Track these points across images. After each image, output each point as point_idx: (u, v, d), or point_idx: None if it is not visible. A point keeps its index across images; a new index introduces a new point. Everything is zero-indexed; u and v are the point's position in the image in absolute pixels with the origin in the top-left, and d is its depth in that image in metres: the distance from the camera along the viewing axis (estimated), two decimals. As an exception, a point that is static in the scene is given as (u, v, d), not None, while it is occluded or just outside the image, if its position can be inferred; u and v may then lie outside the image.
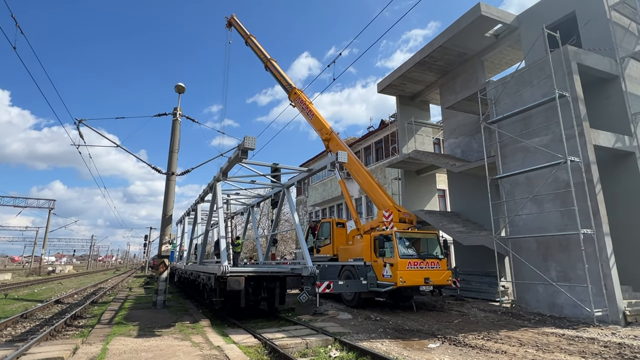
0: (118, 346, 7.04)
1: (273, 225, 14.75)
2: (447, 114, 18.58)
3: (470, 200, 16.83)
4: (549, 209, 11.25)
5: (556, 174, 10.95)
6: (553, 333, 8.66)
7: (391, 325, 9.64)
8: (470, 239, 13.90)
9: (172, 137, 13.42)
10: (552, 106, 11.03)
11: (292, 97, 18.74)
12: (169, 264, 12.66)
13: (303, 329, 8.89)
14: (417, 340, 8.02)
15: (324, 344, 7.61)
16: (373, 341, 7.87)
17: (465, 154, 17.34)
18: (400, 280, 11.04)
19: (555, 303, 10.89)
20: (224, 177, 11.38)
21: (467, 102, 15.12)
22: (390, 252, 11.74)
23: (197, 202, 16.78)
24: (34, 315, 11.92)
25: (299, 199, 38.07)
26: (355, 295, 12.51)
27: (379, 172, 25.61)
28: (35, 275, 38.66)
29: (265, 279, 10.61)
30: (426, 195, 20.40)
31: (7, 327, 10.13)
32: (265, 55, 20.28)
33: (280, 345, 7.20)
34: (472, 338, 8.10)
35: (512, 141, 12.47)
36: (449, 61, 17.40)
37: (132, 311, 11.63)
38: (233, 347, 6.99)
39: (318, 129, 17.31)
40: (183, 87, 13.31)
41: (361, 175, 15.21)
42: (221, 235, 10.71)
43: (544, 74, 11.53)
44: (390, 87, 19.97)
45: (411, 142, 20.02)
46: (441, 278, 11.82)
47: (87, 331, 9.08)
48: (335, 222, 15.75)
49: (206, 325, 9.40)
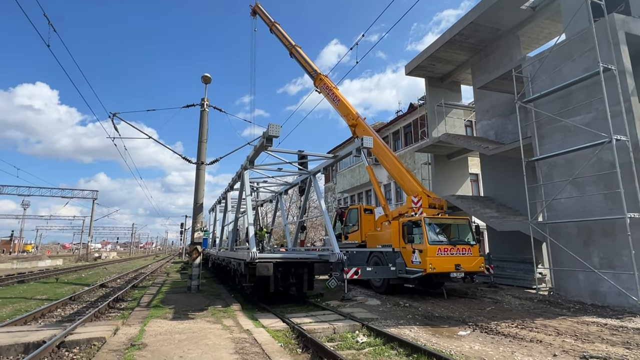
0: (154, 328, 7.40)
1: (300, 212, 14.84)
2: (479, 95, 17.74)
3: (504, 185, 16.12)
4: (591, 192, 10.56)
5: (599, 154, 10.21)
6: (594, 322, 8.21)
7: (420, 311, 9.51)
8: (504, 224, 13.37)
9: (201, 127, 13.71)
10: (596, 81, 10.22)
11: (318, 83, 18.58)
12: (201, 250, 13.10)
13: (331, 314, 8.95)
14: (446, 327, 7.87)
15: (352, 330, 7.62)
16: (401, 327, 7.80)
17: (499, 136, 16.56)
18: (429, 267, 10.83)
19: (597, 291, 10.31)
20: (250, 165, 11.51)
21: (501, 81, 14.33)
22: (419, 238, 11.51)
23: (227, 190, 17.16)
24: (81, 298, 12.77)
25: (327, 186, 38.12)
26: (384, 281, 12.45)
27: (408, 158, 25.05)
28: (83, 261, 41.43)
29: (293, 265, 10.73)
30: (458, 180, 19.76)
31: (58, 308, 10.92)
32: (290, 42, 20.17)
33: (307, 329, 7.29)
34: (505, 326, 7.84)
35: (551, 121, 11.73)
36: (481, 38, 16.51)
37: (169, 295, 12.19)
38: (262, 331, 7.15)
39: (344, 115, 17.10)
40: (209, 77, 13.50)
41: (389, 161, 14.92)
42: (249, 223, 10.91)
43: (586, 46, 10.67)
44: (418, 68, 19.29)
45: (441, 126, 19.35)
46: (473, 264, 11.48)
47: (127, 313, 9.62)
48: (363, 209, 15.64)
49: (237, 309, 9.68)
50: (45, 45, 7.25)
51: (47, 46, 6.93)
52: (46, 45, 6.82)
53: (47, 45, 6.90)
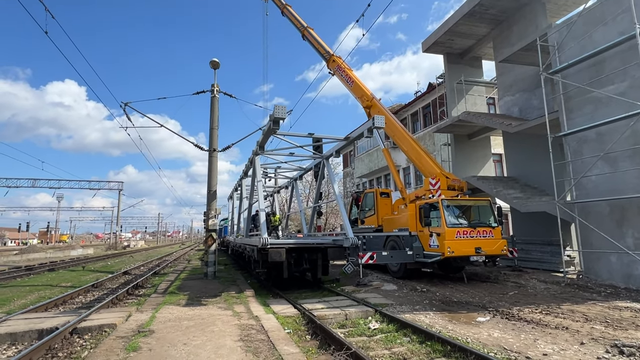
0: (165, 314, 7.40)
1: (315, 197, 14.60)
2: (502, 69, 16.74)
3: (529, 164, 15.25)
4: (625, 168, 9.74)
5: (635, 126, 9.36)
6: (628, 307, 7.62)
7: (438, 297, 9.15)
8: (529, 205, 12.66)
9: (211, 114, 13.56)
10: (632, 45, 9.30)
11: (331, 65, 18.05)
12: (217, 237, 13.12)
13: (344, 300, 8.74)
14: (464, 313, 7.50)
15: (364, 316, 7.38)
16: (416, 313, 7.50)
17: (523, 112, 15.61)
18: (448, 251, 10.38)
19: (631, 274, 9.60)
20: (260, 150, 11.29)
21: (525, 53, 13.38)
22: (436, 221, 11.05)
23: (241, 177, 17.12)
24: (103, 285, 13.12)
25: (345, 171, 37.69)
26: (401, 266, 12.11)
27: (427, 139, 24.24)
28: (112, 249, 43.07)
29: (307, 250, 10.54)
30: (479, 160, 18.93)
31: (80, 295, 11.23)
32: (302, 24, 19.63)
33: (318, 315, 7.09)
34: (528, 312, 7.39)
35: (580, 92, 10.85)
36: (503, 8, 15.46)
37: (185, 282, 12.32)
38: (270, 317, 7.01)
39: (358, 96, 16.56)
40: (217, 62, 13.25)
41: (405, 142, 14.36)
42: (260, 209, 10.76)
43: (619, 7, 9.70)
44: (436, 44, 18.38)
45: (461, 104, 18.47)
46: (495, 247, 10.94)
47: (143, 300, 9.74)
48: (379, 192, 15.22)
49: (250, 295, 9.62)
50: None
51: (45, 33, 6.85)
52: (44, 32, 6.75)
53: (45, 32, 6.82)
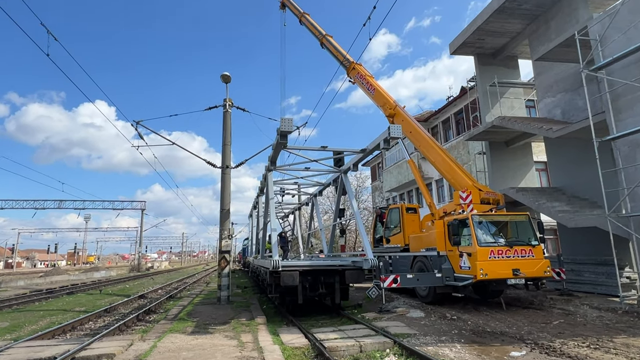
0: (167, 344, 7.38)
1: (334, 214, 14.37)
2: (540, 68, 16.01)
3: (577, 172, 14.29)
4: (689, 175, 8.86)
5: (698, 126, 8.53)
6: (699, 341, 6.78)
7: (469, 326, 8.59)
8: (577, 219, 11.80)
9: (224, 130, 13.79)
10: (687, 34, 8.57)
11: (351, 74, 18.04)
12: (230, 259, 13.14)
13: (362, 329, 8.38)
14: (497, 345, 6.94)
15: (382, 348, 7.01)
16: (441, 345, 7.03)
17: (566, 114, 14.75)
18: (480, 273, 9.78)
19: None
20: (272, 165, 11.29)
21: (564, 49, 12.69)
22: (467, 240, 10.50)
23: (258, 195, 17.23)
24: (115, 310, 13.42)
25: (374, 184, 37.18)
26: (430, 290, 11.54)
27: (461, 148, 23.47)
28: (135, 271, 44.48)
29: (323, 273, 10.29)
30: (520, 169, 18.01)
31: (90, 321, 11.52)
32: (320, 32, 19.88)
33: (329, 347, 6.81)
34: (574, 345, 6.73)
35: (629, 89, 10.10)
36: (538, 2, 14.86)
37: (197, 307, 12.36)
38: (275, 349, 6.80)
39: (381, 105, 16.35)
40: (229, 76, 13.54)
41: (432, 153, 13.90)
42: (273, 229, 10.67)
43: (671, -8, 9.02)
44: (465, 45, 17.91)
45: (496, 108, 17.77)
46: (536, 269, 10.20)
47: (151, 326, 9.82)
48: (404, 208, 14.76)
49: (261, 322, 9.47)
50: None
51: (47, 55, 7.30)
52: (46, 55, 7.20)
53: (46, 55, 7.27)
